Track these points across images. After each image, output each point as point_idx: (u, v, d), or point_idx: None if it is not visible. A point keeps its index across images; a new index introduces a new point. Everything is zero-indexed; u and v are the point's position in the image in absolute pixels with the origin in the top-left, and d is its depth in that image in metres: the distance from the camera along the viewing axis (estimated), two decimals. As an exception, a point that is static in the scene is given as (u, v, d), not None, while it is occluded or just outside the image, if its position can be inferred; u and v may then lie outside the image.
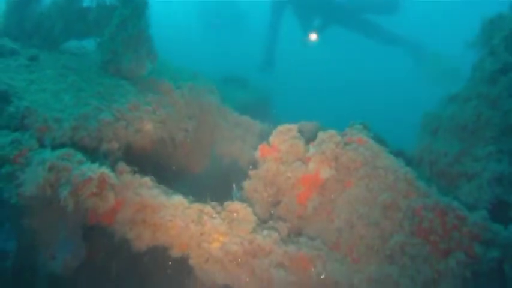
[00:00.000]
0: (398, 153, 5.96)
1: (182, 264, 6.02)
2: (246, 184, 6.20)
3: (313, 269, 5.51)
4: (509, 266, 5.08)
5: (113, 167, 5.20)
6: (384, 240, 5.55)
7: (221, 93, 8.97)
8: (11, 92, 5.65)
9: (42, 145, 5.18)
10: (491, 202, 5.59)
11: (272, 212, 6.19)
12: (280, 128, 6.29)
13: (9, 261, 5.56)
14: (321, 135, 6.15)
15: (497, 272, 5.28)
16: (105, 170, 4.78)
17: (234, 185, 6.46)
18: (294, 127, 6.32)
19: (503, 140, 5.94)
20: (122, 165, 5.38)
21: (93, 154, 5.26)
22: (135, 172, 5.46)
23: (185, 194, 5.57)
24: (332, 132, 6.13)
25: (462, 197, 5.83)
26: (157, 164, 6.62)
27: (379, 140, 6.30)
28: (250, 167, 6.50)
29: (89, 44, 8.07)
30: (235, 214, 5.47)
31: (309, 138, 6.39)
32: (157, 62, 7.79)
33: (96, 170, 4.80)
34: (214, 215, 5.30)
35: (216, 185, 6.75)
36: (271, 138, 6.24)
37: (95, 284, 6.27)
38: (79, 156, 4.95)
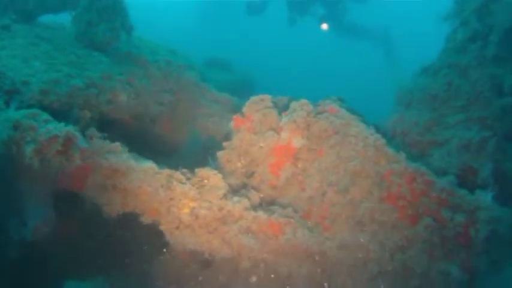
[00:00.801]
0: (373, 127, 6.01)
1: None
2: (220, 154, 6.22)
3: (283, 236, 5.48)
4: (475, 230, 5.16)
5: (82, 132, 5.17)
6: (354, 207, 5.59)
7: (204, 74, 8.93)
8: (-18, 57, 5.65)
9: (9, 107, 5.16)
10: (460, 168, 5.65)
11: (245, 182, 6.20)
12: (254, 98, 6.32)
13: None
14: (293, 104, 6.18)
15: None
16: (71, 129, 4.78)
17: (209, 158, 6.47)
18: (267, 97, 6.35)
19: (472, 108, 6.00)
20: (91, 131, 5.40)
21: (62, 120, 5.22)
22: (105, 138, 5.44)
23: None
24: (304, 101, 6.16)
25: (432, 164, 5.89)
26: (133, 139, 6.62)
27: (354, 113, 6.34)
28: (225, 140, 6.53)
29: (65, 20, 8.01)
30: (205, 181, 5.51)
31: (283, 110, 6.41)
32: (135, 38, 7.76)
33: (62, 129, 4.81)
34: (184, 181, 5.32)
35: (194, 161, 6.77)
36: (245, 108, 6.25)
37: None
38: (45, 115, 4.97)
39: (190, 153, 7.67)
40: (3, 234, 5.52)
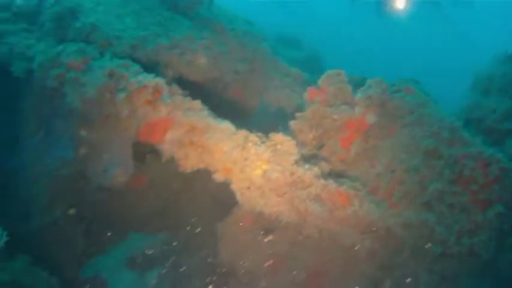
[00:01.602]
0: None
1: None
2: (292, 124, 6.30)
3: (350, 207, 5.52)
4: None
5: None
6: (423, 187, 5.56)
7: (274, 49, 9.00)
8: (79, 9, 5.96)
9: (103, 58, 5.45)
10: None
11: (315, 153, 6.26)
12: (330, 71, 6.35)
13: (68, 168, 5.91)
14: (369, 81, 6.17)
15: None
16: (160, 80, 5.00)
17: (279, 128, 6.55)
18: (343, 72, 6.37)
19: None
20: (174, 87, 5.60)
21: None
22: (186, 95, 5.64)
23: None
24: (380, 78, 6.14)
25: (508, 152, 5.77)
26: (206, 103, 6.79)
27: (428, 95, 6.27)
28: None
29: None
30: (279, 146, 5.60)
31: (357, 87, 6.42)
32: (215, 6, 7.90)
33: (152, 80, 5.04)
34: (259, 143, 5.42)
35: (263, 130, 6.87)
36: (320, 81, 6.30)
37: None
38: (136, 67, 5.22)
39: (260, 123, 7.77)
40: (85, 180, 5.84)
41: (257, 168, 5.37)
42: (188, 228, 7.90)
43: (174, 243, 7.98)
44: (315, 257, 6.13)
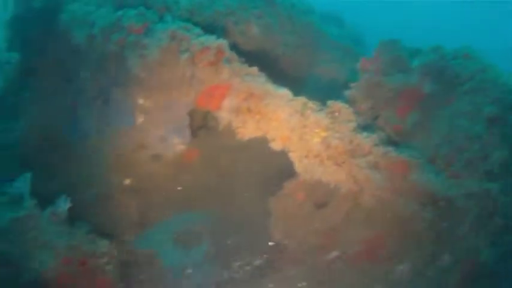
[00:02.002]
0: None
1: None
2: (346, 94, 6.18)
3: (410, 176, 5.37)
4: None
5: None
6: (486, 155, 5.38)
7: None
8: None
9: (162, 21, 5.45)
10: None
11: (370, 123, 6.14)
12: (384, 40, 6.20)
13: (125, 137, 5.95)
14: (426, 48, 6.00)
15: None
16: (223, 41, 4.96)
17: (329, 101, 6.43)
18: (398, 40, 6.21)
19: None
20: (231, 54, 5.54)
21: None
22: (243, 63, 5.58)
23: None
24: (437, 45, 5.96)
25: None
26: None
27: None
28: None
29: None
30: (336, 113, 5.48)
31: (410, 57, 6.25)
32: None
33: (214, 41, 5.01)
34: (317, 110, 5.34)
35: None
36: (375, 50, 6.15)
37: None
38: (197, 29, 5.20)
39: (312, 95, 7.65)
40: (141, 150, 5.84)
41: (316, 135, 5.26)
42: (238, 203, 7.83)
43: (223, 220, 7.95)
44: (370, 230, 5.93)
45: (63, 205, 5.43)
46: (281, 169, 7.31)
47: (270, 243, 6.79)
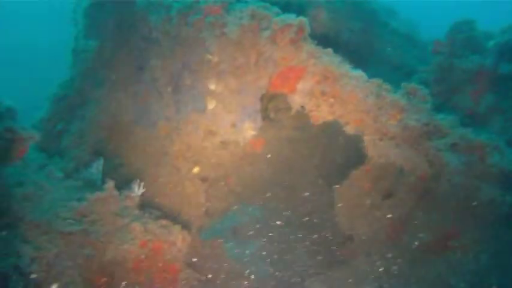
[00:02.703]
0: None
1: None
2: (416, 77, 6.04)
3: (489, 159, 5.19)
4: None
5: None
6: None
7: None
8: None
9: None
10: None
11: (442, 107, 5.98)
12: (458, 21, 6.04)
13: (194, 124, 5.99)
14: (503, 27, 5.81)
15: None
16: (304, 19, 4.92)
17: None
18: (472, 21, 6.04)
19: None
20: (305, 36, 5.49)
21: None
22: (316, 44, 5.53)
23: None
24: None
25: None
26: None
27: None
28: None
29: None
30: (411, 96, 5.35)
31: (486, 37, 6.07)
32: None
33: (295, 19, 4.97)
34: (392, 91, 5.23)
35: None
36: (448, 32, 6.01)
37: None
38: (276, 8, 5.16)
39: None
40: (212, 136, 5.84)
41: (391, 117, 5.13)
42: (301, 195, 7.74)
43: (286, 212, 7.87)
44: (444, 217, 5.70)
45: (137, 189, 5.47)
46: (346, 159, 7.23)
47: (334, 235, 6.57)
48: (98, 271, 4.70)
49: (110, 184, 5.14)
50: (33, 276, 4.33)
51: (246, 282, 6.40)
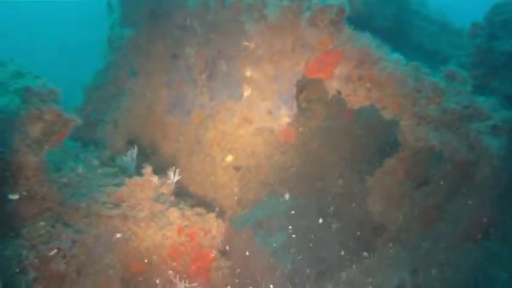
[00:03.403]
0: None
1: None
2: (454, 62, 5.89)
3: None
4: None
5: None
6: None
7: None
8: None
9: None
10: None
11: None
12: (497, 2, 5.87)
13: (229, 112, 5.97)
14: None
15: None
16: (344, 1, 4.84)
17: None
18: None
19: None
20: (341, 22, 5.39)
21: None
22: (354, 28, 5.44)
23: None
24: None
25: None
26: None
27: None
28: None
29: None
30: (450, 79, 5.22)
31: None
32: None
33: (335, 0, 4.89)
34: (430, 75, 5.10)
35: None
36: (486, 13, 5.84)
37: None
38: None
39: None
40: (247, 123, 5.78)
41: (431, 101, 5.01)
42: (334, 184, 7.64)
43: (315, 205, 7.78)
44: (484, 204, 5.50)
45: (173, 176, 5.46)
46: (380, 147, 7.11)
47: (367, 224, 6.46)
48: (136, 257, 4.67)
49: (148, 169, 5.13)
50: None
51: (277, 273, 6.31)
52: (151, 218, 4.87)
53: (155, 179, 5.18)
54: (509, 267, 5.25)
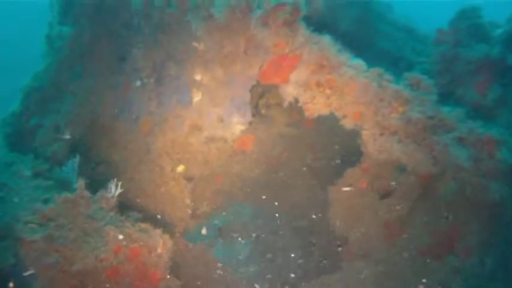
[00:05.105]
0: None
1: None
2: (418, 69, 5.59)
3: (497, 153, 4.86)
4: None
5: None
6: None
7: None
8: None
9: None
10: None
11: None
12: (464, 7, 5.58)
13: (179, 119, 5.49)
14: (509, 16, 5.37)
15: None
16: (298, 1, 4.42)
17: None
18: (477, 8, 5.58)
19: None
20: (300, 22, 4.98)
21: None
22: (312, 30, 5.04)
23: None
24: None
25: None
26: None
27: None
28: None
29: None
30: (414, 86, 4.89)
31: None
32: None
33: None
34: (393, 81, 4.75)
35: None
36: (451, 20, 5.55)
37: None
38: None
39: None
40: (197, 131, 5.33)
41: (394, 110, 4.66)
42: (293, 195, 7.30)
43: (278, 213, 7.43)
44: (446, 218, 5.30)
45: (114, 190, 4.94)
46: (342, 157, 6.77)
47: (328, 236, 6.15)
48: (67, 282, 4.12)
49: (81, 184, 4.58)
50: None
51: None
52: (83, 239, 4.30)
53: (89, 194, 4.61)
54: (471, 283, 5.08)
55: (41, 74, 6.45)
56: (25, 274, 4.04)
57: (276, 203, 7.30)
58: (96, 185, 5.12)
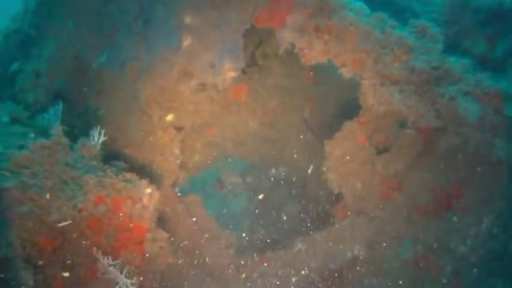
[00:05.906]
0: None
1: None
2: (425, 18, 5.23)
3: (505, 109, 4.62)
4: None
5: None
6: None
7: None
8: None
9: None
10: None
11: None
12: None
13: (168, 63, 5.15)
14: None
15: None
16: None
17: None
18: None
19: None
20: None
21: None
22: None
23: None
24: None
25: None
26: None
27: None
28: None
29: None
30: (420, 35, 4.54)
31: None
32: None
33: None
34: (396, 27, 4.39)
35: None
36: None
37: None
38: None
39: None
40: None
41: (396, 58, 4.31)
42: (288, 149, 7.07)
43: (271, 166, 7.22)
44: (446, 175, 5.11)
45: (97, 138, 4.64)
46: (340, 109, 6.49)
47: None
48: (45, 232, 3.88)
49: (58, 130, 4.27)
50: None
51: (223, 241, 5.91)
52: (61, 187, 4.03)
53: (68, 141, 4.32)
54: (469, 242, 4.97)
55: (20, 16, 6.01)
56: None
57: (272, 158, 7.09)
58: (80, 133, 4.85)
